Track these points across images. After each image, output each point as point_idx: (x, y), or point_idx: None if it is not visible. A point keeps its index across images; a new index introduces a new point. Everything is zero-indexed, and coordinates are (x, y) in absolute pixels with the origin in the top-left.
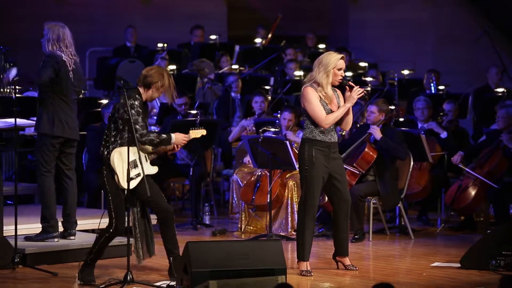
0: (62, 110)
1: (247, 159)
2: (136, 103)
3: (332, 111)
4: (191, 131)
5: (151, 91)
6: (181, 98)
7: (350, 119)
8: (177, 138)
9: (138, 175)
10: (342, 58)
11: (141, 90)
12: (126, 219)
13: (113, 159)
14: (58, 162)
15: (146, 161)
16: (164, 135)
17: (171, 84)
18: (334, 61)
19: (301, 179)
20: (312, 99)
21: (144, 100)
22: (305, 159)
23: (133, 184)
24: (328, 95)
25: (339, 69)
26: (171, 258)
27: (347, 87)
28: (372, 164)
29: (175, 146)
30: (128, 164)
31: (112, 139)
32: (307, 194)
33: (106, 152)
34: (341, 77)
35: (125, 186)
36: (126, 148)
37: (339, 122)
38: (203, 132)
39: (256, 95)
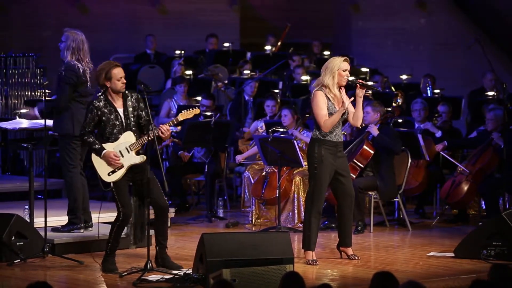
0: (80, 112)
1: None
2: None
3: None
4: (180, 114)
5: (108, 84)
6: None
7: (360, 115)
8: (106, 155)
9: (121, 167)
10: (345, 60)
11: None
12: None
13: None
14: None
15: (129, 152)
16: (97, 146)
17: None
18: (338, 63)
19: (310, 175)
20: (319, 103)
21: (109, 96)
22: (315, 157)
23: (117, 175)
24: (337, 96)
25: (344, 70)
26: (157, 247)
27: (357, 85)
28: (370, 160)
29: (161, 135)
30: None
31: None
32: (315, 190)
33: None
34: (346, 77)
35: (107, 180)
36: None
37: (351, 118)
38: (195, 111)
39: (268, 98)
